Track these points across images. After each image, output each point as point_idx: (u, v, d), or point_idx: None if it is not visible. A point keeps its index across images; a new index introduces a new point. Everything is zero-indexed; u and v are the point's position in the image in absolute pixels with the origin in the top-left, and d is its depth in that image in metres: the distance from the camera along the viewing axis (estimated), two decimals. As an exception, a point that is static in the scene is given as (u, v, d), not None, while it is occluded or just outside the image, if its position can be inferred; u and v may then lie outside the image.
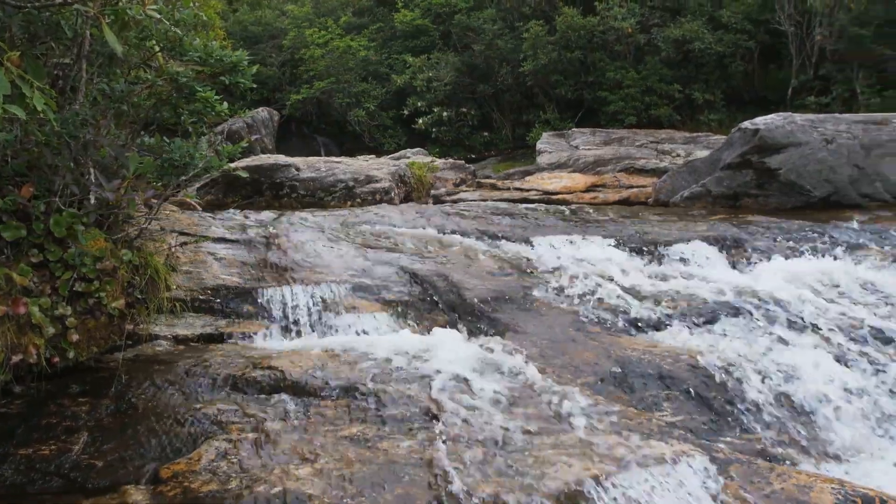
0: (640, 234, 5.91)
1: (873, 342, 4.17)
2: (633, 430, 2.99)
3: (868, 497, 2.65)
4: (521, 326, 3.98)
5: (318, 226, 5.85)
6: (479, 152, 18.70)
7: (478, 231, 5.83)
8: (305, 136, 20.72)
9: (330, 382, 3.24)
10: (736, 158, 7.69)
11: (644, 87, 16.72)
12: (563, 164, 11.32)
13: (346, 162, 9.86)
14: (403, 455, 2.72)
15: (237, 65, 3.48)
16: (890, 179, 7.57)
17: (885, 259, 5.46)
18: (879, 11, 14.88)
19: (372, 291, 4.31)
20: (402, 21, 20.61)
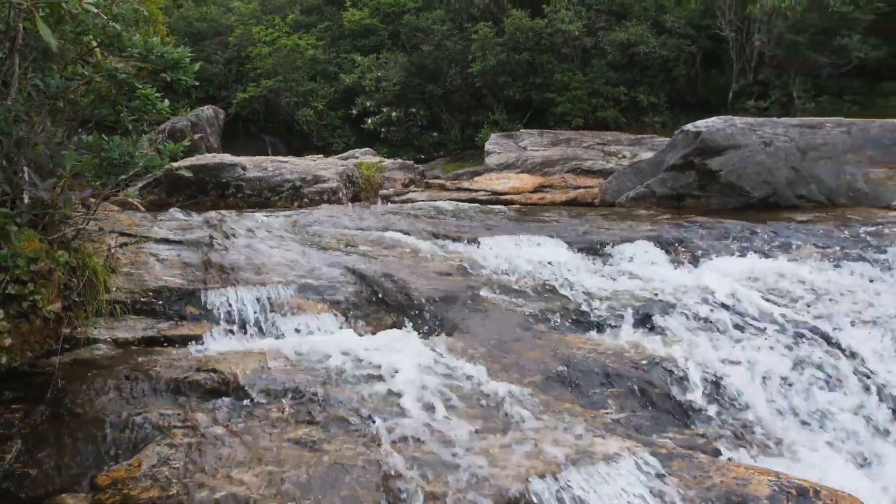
0: (587, 233, 5.99)
1: (810, 339, 4.31)
2: (579, 427, 3.03)
3: (802, 488, 2.73)
4: (469, 326, 3.99)
5: (264, 226, 5.77)
6: (429, 153, 18.71)
7: (426, 231, 5.83)
8: (253, 136, 20.42)
9: (275, 385, 3.20)
10: (679, 160, 7.86)
11: (591, 90, 16.97)
12: (511, 165, 11.40)
13: (293, 161, 9.75)
14: (350, 457, 2.70)
15: (179, 62, 3.40)
16: (824, 182, 7.84)
17: (819, 258, 5.65)
18: (814, 20, 15.40)
19: (319, 292, 4.27)
20: (350, 20, 20.49)
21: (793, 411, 3.73)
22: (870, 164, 7.96)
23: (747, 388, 3.72)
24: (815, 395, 3.85)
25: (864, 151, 7.93)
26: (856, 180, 7.93)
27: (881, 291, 5.12)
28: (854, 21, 15.09)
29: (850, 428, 3.70)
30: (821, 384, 3.88)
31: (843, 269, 5.47)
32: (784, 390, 3.80)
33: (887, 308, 4.74)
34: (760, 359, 3.97)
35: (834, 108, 15.00)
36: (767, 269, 5.32)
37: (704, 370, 3.80)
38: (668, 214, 7.40)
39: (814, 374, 3.94)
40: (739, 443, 3.42)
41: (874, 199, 8.00)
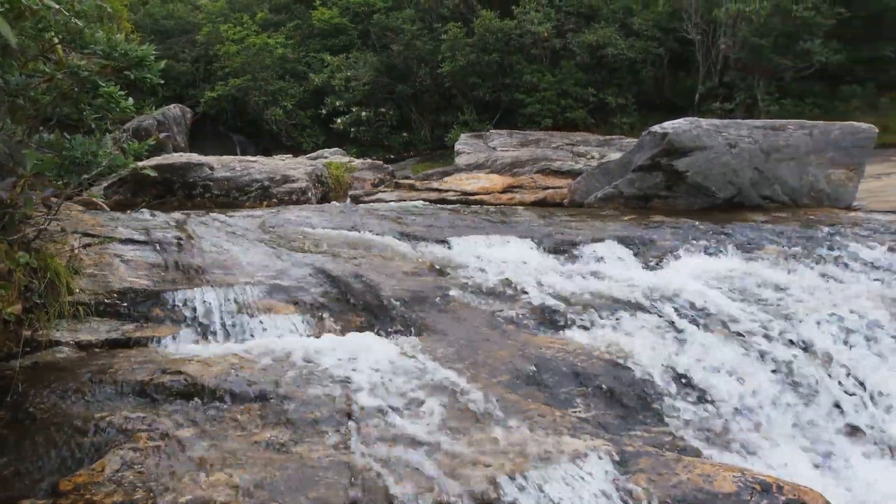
0: (556, 234, 6.03)
1: (773, 337, 4.38)
2: (547, 426, 3.04)
3: (766, 483, 2.78)
4: (438, 326, 3.99)
5: (232, 226, 5.71)
6: (398, 153, 18.70)
7: (395, 231, 5.82)
8: (221, 135, 20.23)
9: (243, 386, 3.17)
10: (646, 161, 7.94)
11: (560, 91, 17.11)
12: (481, 165, 11.42)
13: (261, 161, 9.66)
14: (319, 458, 2.68)
15: (143, 59, 3.35)
16: (787, 182, 7.98)
17: (782, 258, 5.75)
18: (777, 24, 15.69)
19: (287, 293, 4.23)
20: (320, 19, 20.39)
21: (757, 408, 3.79)
22: (830, 166, 8.13)
23: (713, 386, 3.77)
24: (778, 392, 3.91)
25: (825, 153, 8.09)
26: (818, 181, 8.09)
27: (841, 290, 5.23)
28: (816, 26, 15.41)
29: (812, 424, 3.77)
30: (784, 382, 3.95)
31: (805, 269, 5.57)
32: (749, 388, 3.86)
33: (846, 305, 4.84)
34: (726, 357, 4.03)
35: (797, 110, 15.31)
36: (733, 268, 5.41)
37: (671, 369, 3.85)
38: (635, 214, 7.48)
39: (777, 372, 4.01)
40: (705, 440, 3.47)
41: (835, 200, 8.17)
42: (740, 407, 3.72)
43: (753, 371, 3.95)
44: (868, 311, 4.81)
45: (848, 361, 4.26)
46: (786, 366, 4.07)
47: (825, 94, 16.08)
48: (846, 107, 15.64)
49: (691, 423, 3.53)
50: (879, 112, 15.46)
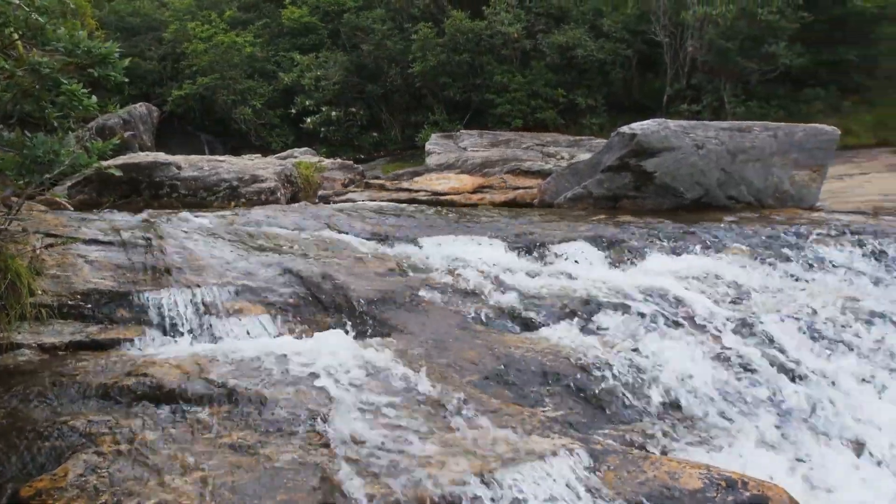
0: (526, 234, 6.06)
1: (738, 335, 4.45)
2: (516, 426, 3.05)
3: (731, 479, 2.82)
4: (408, 327, 3.99)
5: (199, 226, 5.64)
6: (369, 153, 18.65)
7: (365, 231, 5.80)
8: (188, 134, 20.00)
9: (210, 388, 3.13)
10: (615, 161, 8.01)
11: (530, 91, 17.19)
12: (451, 166, 11.44)
13: (230, 161, 9.55)
14: (287, 460, 2.66)
15: (107, 56, 3.29)
16: (753, 183, 8.11)
17: (747, 257, 5.85)
18: (743, 28, 15.93)
19: (256, 294, 4.20)
20: (289, 18, 20.25)
21: (724, 406, 3.84)
22: (794, 167, 8.28)
23: (680, 384, 3.82)
24: (744, 388, 3.97)
25: (789, 155, 8.23)
26: (782, 182, 8.23)
27: (804, 289, 5.33)
28: (780, 30, 15.68)
29: (776, 420, 3.83)
30: (749, 378, 4.01)
31: (769, 268, 5.67)
32: (715, 385, 3.91)
33: (810, 304, 4.93)
34: (693, 355, 4.08)
35: (762, 112, 15.56)
36: (699, 267, 5.48)
37: (639, 367, 3.88)
38: (604, 215, 7.54)
39: (743, 369, 4.07)
40: (672, 437, 3.51)
41: (799, 201, 8.32)
42: (707, 404, 3.76)
43: (720, 369, 4.00)
44: (830, 309, 4.91)
45: (812, 359, 4.34)
46: (751, 364, 4.13)
47: (790, 96, 16.37)
48: (810, 109, 15.93)
49: (658, 420, 3.56)
50: (842, 114, 15.78)
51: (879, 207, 8.90)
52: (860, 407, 3.96)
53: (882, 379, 4.30)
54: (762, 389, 3.97)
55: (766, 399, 3.93)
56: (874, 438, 3.74)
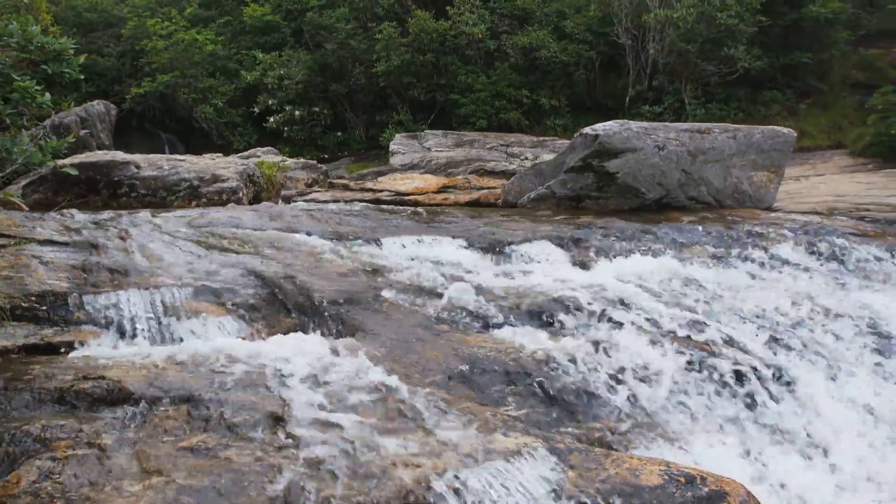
0: (489, 234, 6.08)
1: (698, 334, 4.51)
2: (479, 426, 3.06)
3: (690, 475, 2.86)
4: (371, 327, 3.97)
5: (158, 226, 5.55)
6: (333, 152, 18.53)
7: (328, 232, 5.76)
8: (148, 133, 19.67)
9: (170, 391, 3.08)
10: (578, 162, 8.08)
11: (494, 92, 17.23)
12: (415, 166, 11.45)
13: (190, 160, 9.41)
14: (248, 463, 2.63)
15: (62, 53, 3.21)
16: (712, 184, 8.25)
17: (707, 257, 5.95)
18: (703, 30, 16.20)
19: (217, 295, 4.15)
20: (251, 16, 20.01)
21: (683, 404, 3.90)
22: (753, 168, 8.44)
23: (641, 383, 3.87)
24: (703, 387, 4.04)
25: (747, 156, 8.39)
26: (741, 183, 8.39)
27: (762, 288, 5.44)
28: (739, 32, 15.97)
29: (734, 418, 3.90)
30: (709, 378, 4.07)
31: (728, 267, 5.77)
32: (675, 383, 3.97)
33: (767, 303, 5.03)
34: (653, 354, 4.13)
35: (722, 114, 15.82)
36: (660, 267, 5.55)
37: (601, 366, 3.92)
38: (567, 215, 7.60)
39: (702, 368, 4.13)
40: (633, 435, 3.55)
41: (757, 201, 8.49)
42: (667, 402, 3.82)
43: (679, 367, 4.06)
44: (786, 307, 5.02)
45: (769, 357, 4.43)
46: (710, 361, 4.19)
47: (748, 98, 16.68)
48: (768, 111, 16.25)
49: (619, 418, 3.60)
50: (798, 117, 16.14)
51: (833, 208, 9.11)
52: (815, 404, 4.05)
53: (837, 376, 4.41)
54: (720, 387, 4.04)
55: (725, 397, 4.00)
56: (825, 434, 3.84)
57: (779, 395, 4.08)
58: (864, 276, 6.08)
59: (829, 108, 16.83)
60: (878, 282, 5.97)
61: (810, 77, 16.98)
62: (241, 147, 17.21)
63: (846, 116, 16.38)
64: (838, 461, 3.72)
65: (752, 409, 3.94)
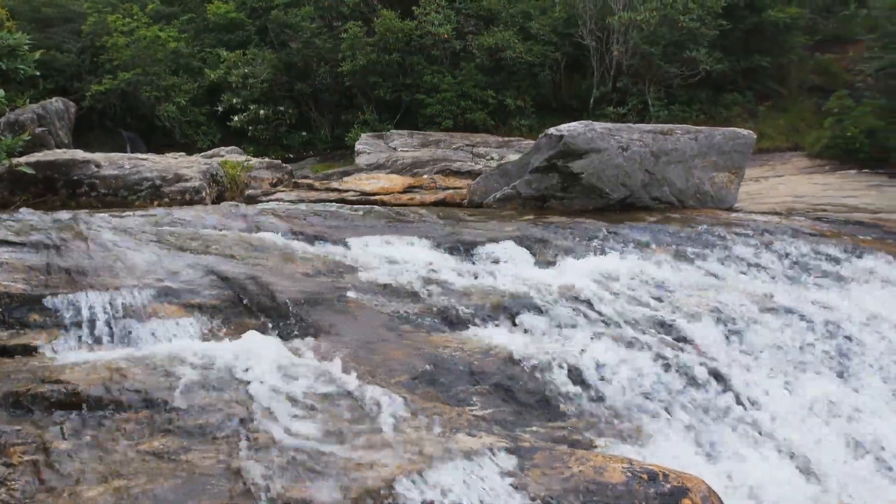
0: (454, 234, 6.09)
1: (661, 332, 4.58)
2: (444, 425, 3.07)
3: (653, 472, 2.90)
4: (335, 328, 3.95)
5: (119, 226, 5.45)
6: (298, 152, 18.39)
7: (293, 232, 5.72)
8: (109, 131, 19.31)
9: (129, 394, 3.03)
10: (543, 162, 8.14)
11: (460, 92, 17.27)
12: (381, 166, 11.42)
13: (152, 159, 9.26)
14: (210, 466, 2.60)
15: (16, 48, 3.14)
16: (675, 184, 8.37)
17: (669, 256, 6.03)
18: (666, 33, 16.43)
19: (178, 296, 4.09)
20: (215, 13, 19.77)
21: (646, 401, 3.94)
22: (714, 169, 8.59)
23: (604, 381, 3.90)
24: (665, 384, 4.09)
25: (709, 157, 8.54)
26: (703, 184, 8.53)
27: (723, 287, 5.53)
28: (701, 36, 16.24)
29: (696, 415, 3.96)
30: (670, 375, 4.13)
31: (690, 267, 5.86)
32: (638, 381, 4.01)
33: (728, 302, 5.12)
34: (616, 353, 4.18)
35: (684, 115, 16.06)
36: (624, 267, 5.61)
37: (565, 365, 3.95)
38: (533, 215, 7.65)
39: (664, 366, 4.19)
40: (597, 433, 3.59)
41: (718, 202, 8.64)
42: (630, 400, 3.86)
43: (641, 365, 4.11)
44: (746, 306, 5.11)
45: (729, 354, 4.50)
46: (672, 360, 4.26)
47: (710, 100, 16.95)
48: (728, 113, 16.55)
49: (584, 417, 3.64)
50: (758, 119, 16.46)
51: (792, 209, 9.31)
52: (772, 400, 4.14)
53: (792, 372, 4.51)
54: (683, 385, 4.10)
55: (687, 394, 4.06)
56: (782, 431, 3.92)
57: (739, 393, 4.16)
58: (821, 276, 6.22)
59: (787, 110, 17.19)
60: (834, 281, 6.12)
61: (769, 80, 17.33)
62: (204, 146, 16.99)
63: (804, 119, 16.75)
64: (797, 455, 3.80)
65: (712, 407, 4.00)
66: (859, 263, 6.58)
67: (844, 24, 18.19)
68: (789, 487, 3.55)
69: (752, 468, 3.58)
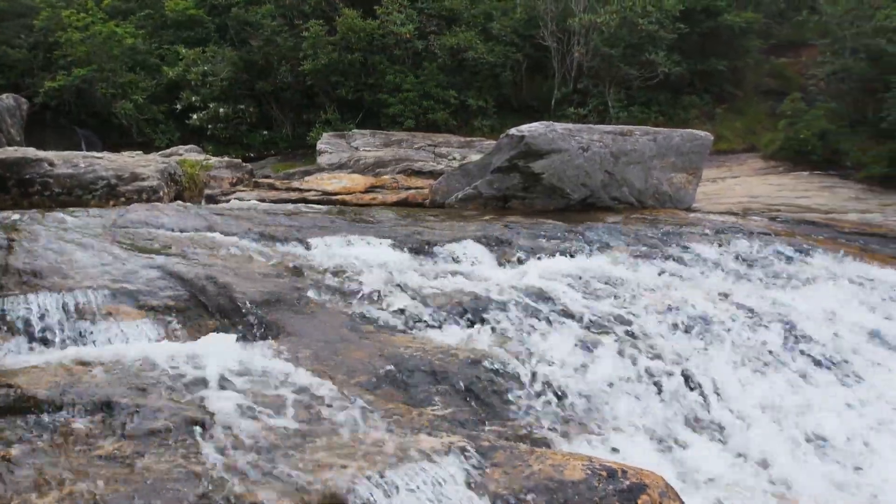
0: (416, 234, 6.08)
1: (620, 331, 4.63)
2: (405, 426, 3.06)
3: (612, 469, 2.93)
4: (296, 328, 3.92)
5: (73, 227, 5.34)
6: (259, 151, 18.20)
7: (252, 232, 5.65)
8: (64, 129, 18.86)
9: (83, 398, 2.96)
10: (504, 163, 8.18)
11: (422, 92, 17.27)
12: (343, 165, 11.37)
13: (108, 158, 9.07)
14: (166, 469, 2.56)
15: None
16: (634, 185, 8.48)
17: (629, 256, 6.11)
18: (625, 35, 16.65)
19: (134, 297, 4.01)
20: (173, 9, 19.45)
21: (605, 399, 3.99)
22: (672, 170, 8.72)
23: (564, 380, 3.94)
24: (625, 382, 4.14)
25: (667, 158, 8.67)
26: (661, 184, 8.65)
27: (681, 285, 5.62)
28: (659, 39, 16.50)
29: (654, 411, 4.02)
30: (630, 372, 4.19)
31: (649, 266, 5.94)
32: (596, 379, 4.06)
33: (686, 300, 5.20)
34: (576, 352, 4.22)
35: (643, 116, 16.30)
36: (584, 266, 5.67)
37: (526, 364, 3.97)
38: (494, 215, 7.68)
39: (624, 364, 4.24)
40: (557, 431, 3.61)
41: (677, 202, 8.78)
42: (589, 398, 3.90)
43: (601, 363, 4.16)
44: (701, 304, 5.20)
45: (687, 351, 4.57)
46: (631, 357, 4.31)
47: (668, 102, 17.22)
48: (686, 115, 16.84)
49: (544, 415, 3.66)
50: (715, 121, 16.77)
51: (748, 209, 9.52)
52: (729, 396, 4.22)
53: (749, 368, 4.60)
54: (642, 382, 4.15)
55: (646, 391, 4.12)
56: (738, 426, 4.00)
57: (697, 389, 4.23)
58: (776, 275, 6.36)
59: (743, 113, 17.55)
60: (787, 279, 6.26)
61: (726, 83, 17.67)
62: (162, 145, 16.71)
63: (759, 121, 17.12)
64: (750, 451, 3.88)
65: (673, 403, 4.06)
66: (812, 262, 6.75)
67: (798, 28, 18.64)
68: (745, 480, 3.62)
69: (710, 463, 3.65)
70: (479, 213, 7.85)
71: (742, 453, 3.83)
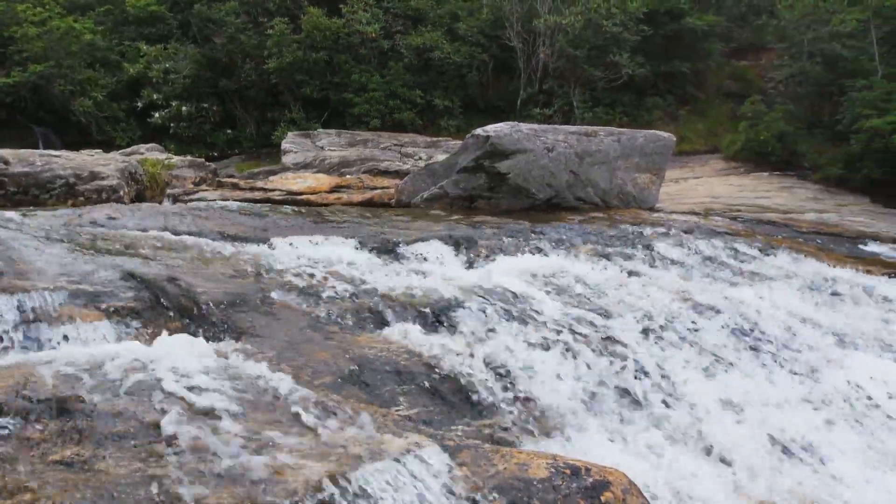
0: (381, 234, 6.06)
1: (585, 330, 4.67)
2: (370, 426, 3.04)
3: (575, 467, 2.95)
4: (259, 329, 3.88)
5: (28, 227, 5.21)
6: (223, 151, 17.99)
7: (215, 232, 5.58)
8: (19, 126, 18.42)
9: (38, 401, 2.89)
10: (470, 163, 8.20)
11: (388, 91, 17.24)
12: (308, 165, 11.28)
13: (66, 156, 8.89)
14: (125, 475, 2.51)
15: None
16: (599, 185, 8.56)
17: (593, 255, 6.16)
18: (590, 37, 16.81)
19: (93, 298, 3.93)
20: (134, 5, 19.14)
21: (570, 398, 4.02)
22: (636, 170, 8.82)
23: (529, 379, 3.95)
24: (588, 381, 4.18)
25: (631, 158, 8.77)
26: (625, 184, 8.75)
27: (644, 284, 5.68)
28: (623, 41, 16.70)
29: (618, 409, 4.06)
30: (593, 371, 4.22)
31: (613, 265, 6.00)
32: (562, 378, 4.08)
33: (648, 299, 5.27)
34: (540, 351, 4.24)
35: (608, 117, 16.48)
36: (549, 266, 5.70)
37: (491, 364, 3.98)
38: (460, 214, 7.69)
39: (587, 363, 4.28)
40: (522, 430, 3.63)
41: (641, 202, 8.88)
42: (554, 397, 3.92)
43: (565, 363, 4.19)
44: (666, 303, 5.26)
45: (649, 350, 4.63)
46: (595, 356, 4.35)
47: (633, 104, 17.43)
48: (650, 117, 17.07)
49: (509, 414, 3.68)
50: (679, 123, 17.03)
51: (710, 209, 9.67)
52: (690, 393, 4.28)
53: (710, 365, 4.67)
54: (605, 381, 4.19)
55: (610, 390, 4.16)
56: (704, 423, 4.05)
57: (658, 387, 4.28)
58: (736, 273, 6.47)
59: (705, 114, 17.85)
60: (747, 277, 6.37)
61: (689, 85, 17.95)
62: (123, 143, 16.42)
63: (721, 123, 17.43)
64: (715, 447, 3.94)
65: (635, 400, 4.11)
66: (771, 261, 6.88)
67: (758, 32, 19.03)
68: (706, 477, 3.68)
69: (671, 460, 3.70)
70: (445, 212, 7.85)
71: (704, 450, 3.89)
